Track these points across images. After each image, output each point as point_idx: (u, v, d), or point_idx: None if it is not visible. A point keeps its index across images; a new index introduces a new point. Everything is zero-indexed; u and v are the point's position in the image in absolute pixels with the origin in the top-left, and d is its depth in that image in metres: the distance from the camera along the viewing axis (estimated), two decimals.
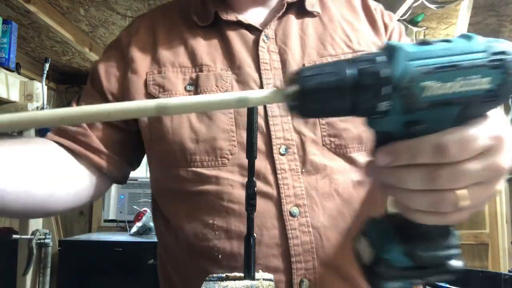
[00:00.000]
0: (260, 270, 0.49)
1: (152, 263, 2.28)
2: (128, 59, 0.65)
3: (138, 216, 2.70)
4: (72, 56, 2.64)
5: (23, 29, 2.15)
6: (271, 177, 0.58)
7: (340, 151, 0.60)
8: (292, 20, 0.65)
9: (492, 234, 2.73)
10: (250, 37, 0.64)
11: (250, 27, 0.64)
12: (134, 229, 2.61)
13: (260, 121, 0.59)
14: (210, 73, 0.61)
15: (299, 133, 0.59)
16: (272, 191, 0.57)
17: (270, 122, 0.59)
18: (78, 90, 3.00)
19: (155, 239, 2.61)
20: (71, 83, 3.00)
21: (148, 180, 2.87)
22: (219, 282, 0.43)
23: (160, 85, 0.62)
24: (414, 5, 1.66)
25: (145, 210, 2.71)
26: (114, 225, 2.92)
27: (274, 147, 0.58)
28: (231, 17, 0.64)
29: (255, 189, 0.46)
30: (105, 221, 2.96)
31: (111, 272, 2.31)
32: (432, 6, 1.70)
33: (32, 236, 1.69)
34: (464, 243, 2.72)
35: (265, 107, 0.60)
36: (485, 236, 2.75)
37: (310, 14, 0.66)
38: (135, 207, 2.82)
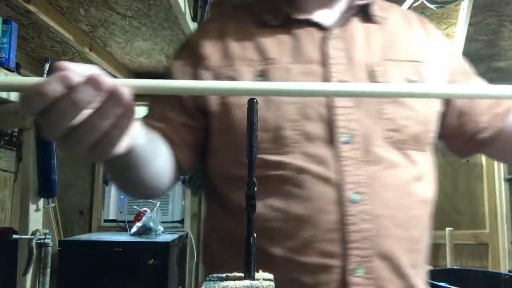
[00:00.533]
0: (260, 270, 0.49)
1: (152, 263, 2.28)
2: (199, 57, 0.69)
3: (138, 216, 2.70)
4: (72, 56, 2.64)
5: (23, 29, 2.15)
6: (332, 164, 0.60)
7: (399, 146, 0.62)
8: (357, 23, 0.69)
9: (492, 234, 2.73)
10: (319, 34, 0.67)
11: (318, 26, 0.68)
12: (134, 229, 2.60)
13: (323, 111, 0.62)
14: (278, 66, 0.65)
15: (362, 124, 0.61)
16: (333, 176, 0.59)
17: (334, 112, 0.61)
18: None
19: (155, 239, 2.62)
20: None
21: None
22: (219, 282, 0.43)
23: (230, 78, 0.66)
24: (414, 5, 1.66)
25: (145, 210, 2.71)
26: (114, 225, 2.92)
27: (336, 136, 0.61)
28: (302, 16, 0.68)
29: (255, 188, 0.46)
30: (105, 221, 2.96)
31: (111, 272, 2.31)
32: (432, 6, 1.70)
33: (32, 236, 1.69)
34: (464, 243, 2.72)
35: (330, 98, 0.62)
36: (485, 236, 2.75)
37: (374, 21, 0.70)
38: (135, 207, 2.82)
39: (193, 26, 1.89)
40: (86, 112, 0.37)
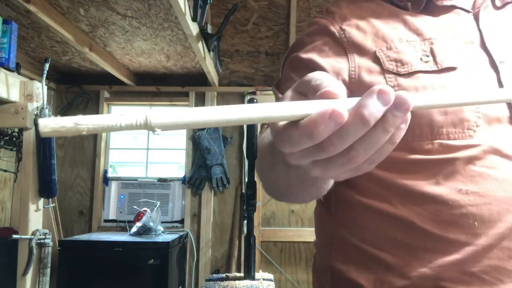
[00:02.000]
0: (260, 270, 0.49)
1: (152, 263, 2.28)
2: (345, 44, 0.65)
3: (138, 216, 2.70)
4: (72, 56, 2.64)
5: (23, 29, 2.15)
6: None
7: None
8: (491, 9, 0.68)
9: None
10: (466, 14, 0.66)
11: (463, 10, 0.67)
12: (134, 229, 2.61)
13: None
14: (441, 43, 0.62)
15: None
16: None
17: (503, 81, 0.60)
18: (78, 90, 3.01)
19: (155, 239, 2.62)
20: (71, 83, 3.00)
21: (148, 180, 2.87)
22: (219, 282, 0.43)
23: (396, 60, 0.62)
24: None
25: (145, 210, 2.71)
26: (114, 225, 2.93)
27: None
28: (446, 2, 0.66)
29: (255, 189, 0.46)
30: (105, 221, 2.97)
31: (111, 272, 2.31)
32: None
33: (32, 236, 1.69)
34: None
35: (496, 70, 0.61)
36: None
37: (500, 8, 0.69)
38: (135, 207, 2.82)
39: (193, 26, 1.89)
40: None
